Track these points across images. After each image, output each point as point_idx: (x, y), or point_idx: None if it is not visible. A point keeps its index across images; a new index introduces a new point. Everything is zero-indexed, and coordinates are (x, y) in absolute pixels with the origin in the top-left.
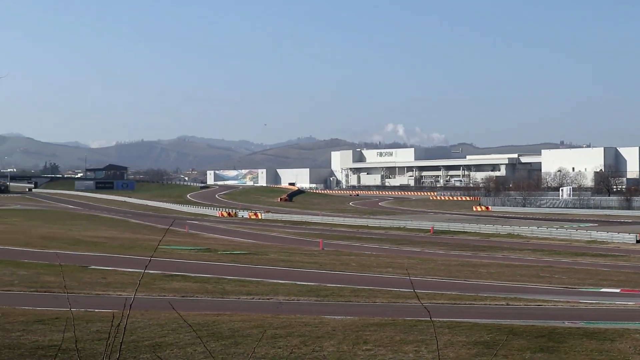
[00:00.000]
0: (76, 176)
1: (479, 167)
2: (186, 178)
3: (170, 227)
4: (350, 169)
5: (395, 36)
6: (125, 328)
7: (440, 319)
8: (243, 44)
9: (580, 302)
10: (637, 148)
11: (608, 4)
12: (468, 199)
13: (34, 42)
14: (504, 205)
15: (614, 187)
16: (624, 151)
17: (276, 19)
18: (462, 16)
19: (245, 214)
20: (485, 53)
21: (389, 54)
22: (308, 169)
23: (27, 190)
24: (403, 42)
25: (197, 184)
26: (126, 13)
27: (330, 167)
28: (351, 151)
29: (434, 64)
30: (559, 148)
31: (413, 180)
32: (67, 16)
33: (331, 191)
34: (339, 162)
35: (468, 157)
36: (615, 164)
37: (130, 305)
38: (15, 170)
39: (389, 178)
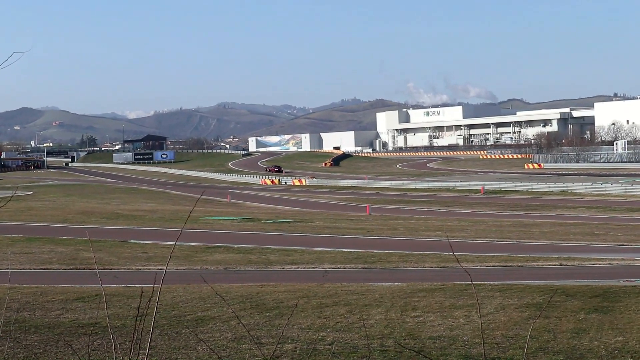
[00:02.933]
0: (114, 148)
1: (529, 123)
2: (227, 146)
3: (213, 198)
4: (397, 130)
5: None
6: (157, 302)
7: (492, 282)
8: (280, 6)
9: (636, 260)
10: None
11: None
12: (519, 156)
13: (67, 15)
14: (556, 162)
15: None
16: None
17: None
18: None
19: (289, 180)
20: (531, 4)
21: (433, 10)
22: (353, 132)
23: (64, 165)
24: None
25: (239, 152)
26: None
27: (376, 129)
28: (397, 111)
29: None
30: (612, 100)
31: (462, 140)
32: None
33: (378, 154)
34: (385, 123)
35: (518, 113)
36: None
37: (163, 279)
38: (51, 144)
39: (437, 138)
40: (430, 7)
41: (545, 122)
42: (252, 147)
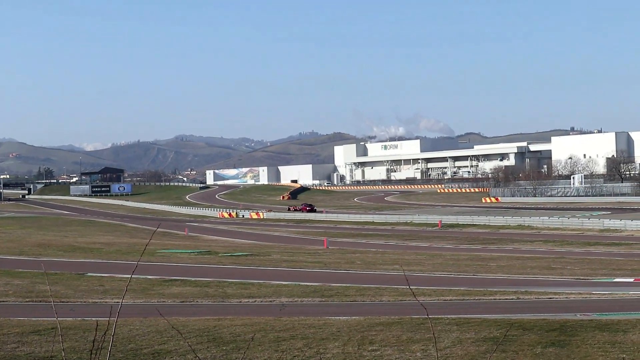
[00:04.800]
0: (71, 181)
1: (487, 157)
2: (185, 179)
3: (170, 230)
4: (354, 163)
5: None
6: (113, 337)
7: (449, 316)
8: (238, 39)
9: (593, 294)
10: None
11: None
12: (477, 190)
13: (22, 46)
14: (513, 196)
15: (627, 173)
16: (636, 136)
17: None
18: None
19: (246, 213)
20: (487, 39)
21: (389, 45)
22: (311, 165)
23: (20, 197)
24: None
25: (197, 185)
26: (118, 13)
27: (334, 162)
28: (355, 145)
29: (436, 52)
30: (569, 134)
31: (420, 173)
32: (60, 16)
33: (335, 187)
34: (343, 156)
35: (476, 147)
36: (627, 149)
37: (118, 312)
38: (8, 176)
39: (395, 171)
40: (386, 40)
41: (503, 156)
42: (209, 180)
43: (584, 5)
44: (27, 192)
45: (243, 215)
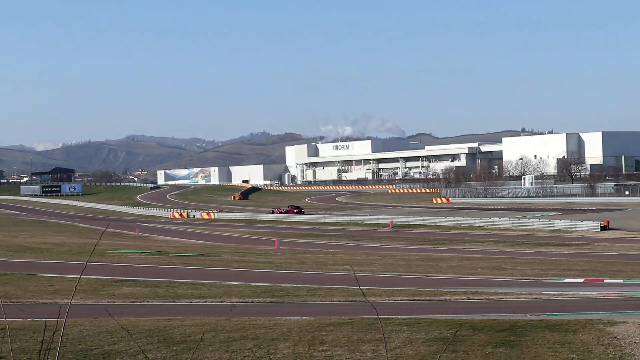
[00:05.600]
0: (22, 181)
1: (438, 158)
2: (136, 179)
3: (121, 231)
4: (306, 163)
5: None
6: (61, 337)
7: (399, 316)
8: (188, 40)
9: (543, 294)
10: (600, 133)
11: None
12: (428, 191)
13: None
14: (464, 197)
15: (577, 173)
16: (586, 137)
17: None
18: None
19: (197, 214)
20: (436, 39)
21: (340, 45)
22: (262, 166)
23: None
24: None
25: (148, 185)
26: (66, 12)
27: (285, 162)
28: (306, 145)
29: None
30: (520, 135)
31: (371, 174)
32: (5, 11)
33: (286, 188)
34: (294, 157)
35: (427, 147)
36: (577, 150)
37: (67, 313)
38: None
39: (346, 172)
40: (335, 42)
41: (454, 157)
42: (160, 181)
43: (531, 5)
44: None
45: (194, 216)
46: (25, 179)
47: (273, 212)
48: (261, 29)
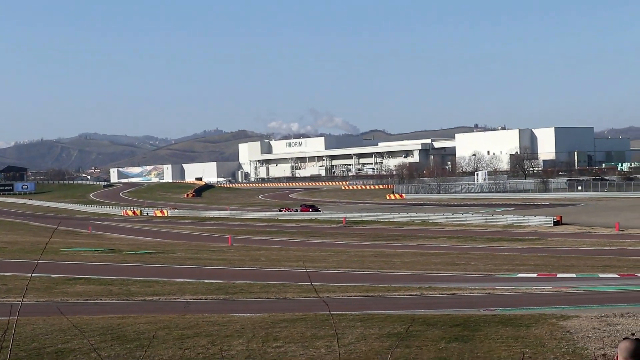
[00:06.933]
0: None
1: (391, 154)
2: (89, 177)
3: (74, 229)
4: (259, 160)
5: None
6: (13, 336)
7: (353, 312)
8: (140, 38)
9: (496, 289)
10: (552, 129)
11: None
12: (381, 187)
13: None
14: (418, 193)
15: (530, 169)
16: (539, 132)
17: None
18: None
19: (150, 211)
20: (389, 34)
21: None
22: (215, 163)
23: None
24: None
25: (101, 183)
26: (21, 10)
27: (238, 160)
28: (259, 142)
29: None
30: (473, 131)
31: (324, 170)
32: None
33: (240, 185)
34: (247, 154)
35: (380, 144)
36: (530, 145)
37: (18, 311)
38: None
39: (300, 169)
40: (286, 38)
41: (407, 153)
42: (114, 178)
43: (486, 2)
44: None
45: (147, 213)
46: None
47: (281, 211)
48: (209, 27)
